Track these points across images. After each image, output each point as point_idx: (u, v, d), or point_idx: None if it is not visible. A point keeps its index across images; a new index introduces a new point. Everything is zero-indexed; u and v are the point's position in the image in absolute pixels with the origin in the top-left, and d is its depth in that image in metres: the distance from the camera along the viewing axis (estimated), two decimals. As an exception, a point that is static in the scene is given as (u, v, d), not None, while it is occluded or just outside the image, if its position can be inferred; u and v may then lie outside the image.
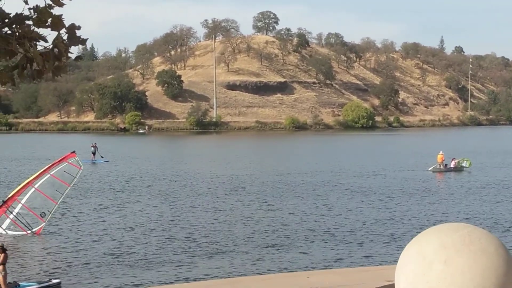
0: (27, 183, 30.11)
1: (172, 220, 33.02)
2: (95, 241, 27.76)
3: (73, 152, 31.67)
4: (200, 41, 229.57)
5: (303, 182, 50.98)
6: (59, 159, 30.96)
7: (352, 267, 23.23)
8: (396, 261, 2.20)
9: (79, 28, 7.21)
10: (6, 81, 7.51)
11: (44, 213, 29.73)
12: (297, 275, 17.37)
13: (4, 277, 19.52)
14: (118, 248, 26.19)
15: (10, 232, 29.47)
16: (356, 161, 70.77)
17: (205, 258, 24.56)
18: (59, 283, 20.62)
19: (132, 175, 56.33)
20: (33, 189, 29.82)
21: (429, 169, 61.00)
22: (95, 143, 73.67)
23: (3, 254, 19.58)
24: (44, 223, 29.79)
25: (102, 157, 70.11)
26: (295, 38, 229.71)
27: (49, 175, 30.07)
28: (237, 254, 25.47)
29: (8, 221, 29.57)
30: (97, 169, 62.56)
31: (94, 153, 71.46)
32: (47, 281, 20.72)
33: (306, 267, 23.56)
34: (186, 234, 29.05)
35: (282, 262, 24.39)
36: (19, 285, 20.23)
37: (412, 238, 2.22)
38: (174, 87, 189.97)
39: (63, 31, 7.18)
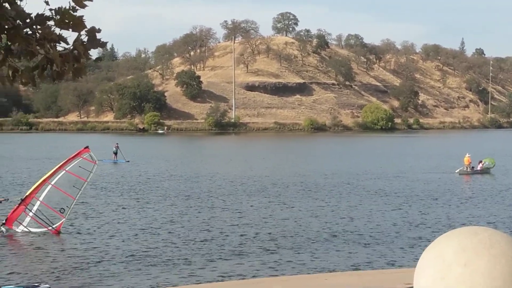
0: (43, 180, 30.24)
1: (190, 221, 33.02)
2: (112, 240, 27.73)
3: (87, 147, 31.81)
4: (219, 42, 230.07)
5: (323, 183, 50.87)
6: (73, 155, 31.03)
7: (370, 269, 23.14)
8: (415, 264, 2.20)
9: (99, 31, 7.23)
10: (26, 81, 7.56)
11: (63, 209, 29.85)
12: (315, 277, 17.33)
13: None
14: (136, 248, 26.15)
15: (32, 229, 29.61)
16: (377, 163, 70.53)
17: (224, 259, 24.55)
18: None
19: (151, 175, 56.47)
20: (50, 186, 29.94)
21: (456, 171, 60.70)
22: (117, 144, 73.85)
23: None
24: (64, 219, 29.91)
25: (128, 161, 69.80)
26: (315, 39, 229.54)
27: (64, 171, 30.18)
28: (256, 255, 25.43)
29: (28, 218, 29.72)
30: (118, 169, 62.80)
31: (116, 153, 71.55)
32: (35, 285, 19.99)
33: (324, 269, 23.50)
34: (205, 235, 29.03)
35: (300, 263, 24.32)
36: None
37: (432, 241, 2.23)
38: (193, 87, 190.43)
39: (83, 32, 7.21)
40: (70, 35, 7.41)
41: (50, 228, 29.54)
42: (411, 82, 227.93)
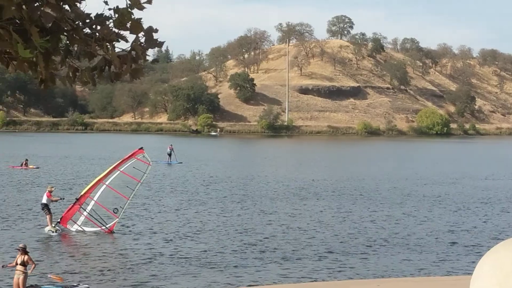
0: (98, 180, 30.57)
1: (243, 224, 32.89)
2: (163, 242, 27.71)
3: (141, 148, 32.09)
4: (273, 45, 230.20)
5: (377, 188, 50.38)
6: (128, 155, 31.30)
7: (424, 276, 22.80)
8: (470, 272, 2.17)
9: (156, 31, 7.24)
10: (86, 81, 7.60)
11: (116, 209, 30.14)
12: (368, 283, 17.14)
13: (24, 279, 19.34)
14: (187, 250, 26.12)
15: (86, 229, 29.98)
16: (433, 169, 69.69)
17: (276, 263, 24.43)
18: None
19: (205, 177, 56.69)
20: (104, 186, 30.27)
21: None
22: (171, 145, 74.37)
23: (24, 256, 19.37)
24: (117, 219, 30.20)
25: (181, 163, 70.32)
26: (370, 43, 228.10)
27: (119, 171, 30.46)
28: (308, 259, 25.27)
29: (82, 218, 30.08)
30: (172, 170, 63.25)
31: (170, 155, 72.01)
32: (74, 286, 20.27)
33: (377, 275, 23.24)
34: (257, 238, 28.91)
35: (353, 268, 24.10)
36: None
37: (489, 249, 2.18)
38: (246, 90, 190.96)
39: (140, 34, 7.23)
40: (129, 36, 7.43)
41: (103, 227, 29.85)
42: (468, 87, 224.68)
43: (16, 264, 19.53)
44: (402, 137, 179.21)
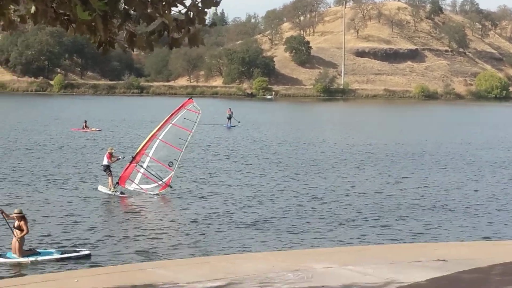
0: (152, 136, 30.76)
1: (299, 189, 32.66)
2: (218, 205, 27.57)
3: (190, 98, 32.30)
4: (330, 7, 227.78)
5: (435, 153, 49.75)
6: (178, 107, 31.36)
7: (481, 240, 22.58)
8: None
9: (212, -9, 7.24)
10: (143, 46, 7.64)
11: (171, 162, 30.34)
12: (424, 246, 17.03)
13: (20, 243, 19.25)
14: (245, 214, 26.03)
15: (143, 186, 30.27)
16: (493, 133, 68.60)
17: (332, 227, 24.39)
18: (89, 254, 19.74)
19: (262, 141, 56.73)
20: (158, 140, 30.47)
21: None
22: (230, 108, 74.52)
23: (21, 221, 19.23)
24: (173, 172, 30.38)
25: (238, 122, 70.87)
26: (428, 5, 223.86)
27: (170, 124, 30.62)
28: (364, 223, 25.20)
29: (139, 175, 30.31)
30: (231, 134, 63.58)
31: (229, 118, 72.24)
32: (75, 251, 19.92)
33: (434, 239, 23.11)
34: (313, 203, 28.67)
35: (409, 233, 23.96)
36: (39, 253, 19.61)
37: None
38: (302, 53, 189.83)
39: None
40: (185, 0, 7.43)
41: (160, 182, 30.08)
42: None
43: (14, 226, 19.48)
44: (460, 101, 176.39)
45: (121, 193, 29.86)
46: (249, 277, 10.85)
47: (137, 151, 30.85)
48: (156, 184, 30.16)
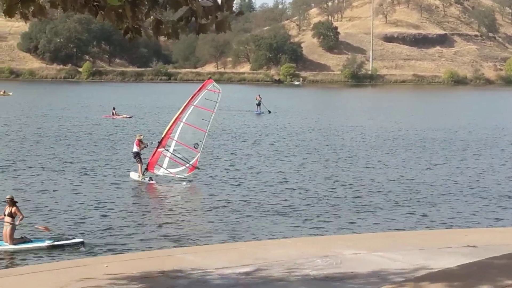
0: (175, 119, 30.75)
1: (326, 175, 32.51)
2: (246, 191, 27.53)
3: (210, 78, 32.29)
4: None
5: (465, 139, 49.34)
6: (198, 88, 31.38)
7: (512, 227, 22.36)
8: None
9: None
10: (169, 34, 7.62)
11: (197, 144, 30.38)
12: (455, 232, 16.92)
13: (11, 230, 18.95)
14: (272, 199, 25.99)
15: (172, 170, 30.32)
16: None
17: (361, 213, 24.24)
18: (82, 242, 19.47)
19: (292, 127, 56.65)
20: (182, 123, 30.47)
21: None
22: (259, 95, 74.21)
23: (12, 207, 18.92)
24: (199, 154, 30.43)
25: (269, 111, 70.22)
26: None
27: (193, 106, 30.61)
28: (393, 209, 25.08)
29: (167, 160, 30.36)
30: (260, 120, 63.54)
31: (258, 105, 71.89)
32: (68, 239, 19.67)
33: (464, 225, 22.94)
34: (343, 189, 28.49)
35: (439, 219, 23.83)
36: (30, 241, 19.40)
37: None
38: (330, 38, 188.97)
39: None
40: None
41: (187, 165, 30.11)
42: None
43: (4, 215, 19.07)
44: (490, 86, 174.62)
45: (150, 179, 29.94)
46: (277, 263, 10.84)
47: (163, 135, 30.92)
48: (184, 167, 30.20)
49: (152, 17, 7.53)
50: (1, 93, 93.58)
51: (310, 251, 11.74)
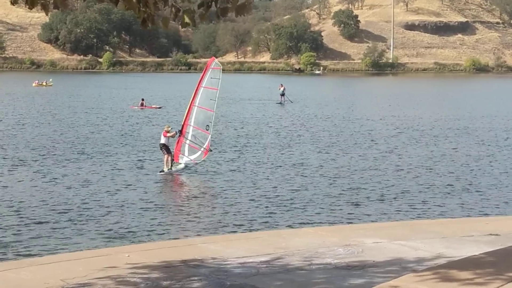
0: (190, 105, 30.78)
1: (347, 164, 32.43)
2: (257, 182, 27.69)
3: (212, 56, 32.23)
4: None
5: (487, 127, 49.03)
6: (204, 69, 31.45)
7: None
8: None
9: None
10: (187, 22, 7.58)
11: (207, 126, 30.35)
12: (476, 221, 16.79)
13: None
14: (283, 190, 25.95)
15: (192, 157, 30.09)
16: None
17: (382, 202, 24.18)
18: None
19: (312, 116, 56.57)
20: (196, 107, 30.47)
21: None
22: (282, 84, 73.88)
23: None
24: (210, 136, 30.44)
25: (291, 101, 69.93)
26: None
27: (202, 88, 30.65)
28: (414, 198, 24.98)
29: (187, 147, 30.33)
30: (282, 110, 63.50)
31: (282, 95, 71.54)
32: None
33: (486, 213, 22.81)
34: (364, 178, 28.38)
35: (461, 207, 23.73)
36: None
37: None
38: (350, 27, 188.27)
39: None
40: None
41: (202, 149, 30.10)
42: None
43: None
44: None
45: (173, 169, 29.97)
46: (298, 252, 10.82)
47: (182, 123, 30.90)
48: (200, 152, 30.20)
49: (171, 5, 7.51)
50: (44, 83, 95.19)
51: (332, 240, 11.72)
